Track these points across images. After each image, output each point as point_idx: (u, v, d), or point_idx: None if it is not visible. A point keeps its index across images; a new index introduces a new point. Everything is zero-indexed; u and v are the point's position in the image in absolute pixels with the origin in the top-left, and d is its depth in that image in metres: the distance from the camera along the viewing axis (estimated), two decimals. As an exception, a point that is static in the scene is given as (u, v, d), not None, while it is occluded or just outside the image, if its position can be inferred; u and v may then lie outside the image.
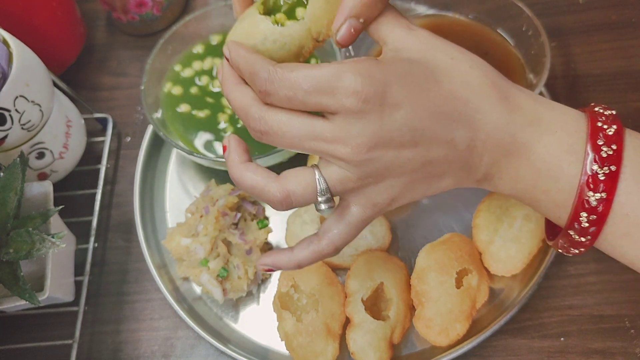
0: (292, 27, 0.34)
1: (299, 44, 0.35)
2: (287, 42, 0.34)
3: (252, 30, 0.35)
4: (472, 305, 0.48)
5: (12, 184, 0.45)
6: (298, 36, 0.34)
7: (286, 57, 0.35)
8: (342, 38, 0.34)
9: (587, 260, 0.53)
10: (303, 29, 0.34)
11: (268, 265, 0.37)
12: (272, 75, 0.31)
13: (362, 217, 0.35)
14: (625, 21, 0.65)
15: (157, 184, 0.61)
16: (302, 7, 0.35)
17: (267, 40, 0.34)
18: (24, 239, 0.44)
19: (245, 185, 0.34)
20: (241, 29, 0.36)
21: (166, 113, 0.58)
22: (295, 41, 0.34)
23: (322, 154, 0.32)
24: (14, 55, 0.46)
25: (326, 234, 0.36)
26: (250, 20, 0.35)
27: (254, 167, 0.34)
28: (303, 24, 0.34)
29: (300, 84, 0.31)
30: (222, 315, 0.53)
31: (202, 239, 0.51)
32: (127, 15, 0.68)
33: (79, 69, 0.69)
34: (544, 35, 0.52)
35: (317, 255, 0.36)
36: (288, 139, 0.32)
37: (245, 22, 0.36)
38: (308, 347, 0.47)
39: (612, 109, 0.34)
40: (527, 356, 0.49)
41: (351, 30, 0.34)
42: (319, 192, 0.33)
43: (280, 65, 0.32)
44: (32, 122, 0.49)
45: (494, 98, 0.33)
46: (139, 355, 0.52)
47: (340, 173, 0.32)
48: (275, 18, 0.35)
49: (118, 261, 0.57)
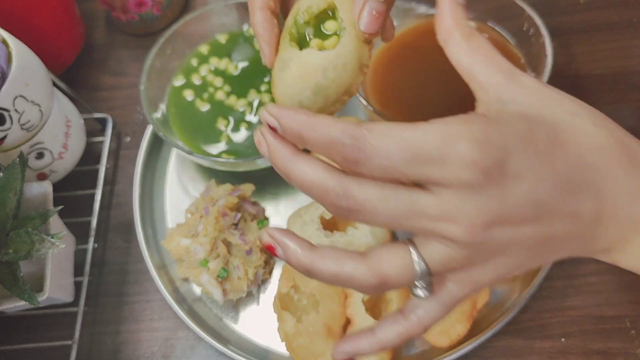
0: (343, 44, 0.31)
1: (357, 56, 0.31)
2: (347, 61, 0.31)
3: (304, 70, 0.31)
4: (472, 305, 0.48)
5: (12, 184, 0.45)
6: (353, 48, 0.31)
7: (352, 78, 0.31)
8: (366, 26, 0.30)
9: (588, 261, 0.52)
10: (352, 37, 0.31)
11: (349, 354, 0.32)
12: (360, 142, 0.25)
13: (459, 297, 0.30)
14: (626, 21, 0.65)
15: (156, 184, 0.60)
16: (331, 20, 0.33)
17: (327, 71, 0.30)
18: (24, 239, 0.44)
19: (326, 275, 0.29)
20: (290, 75, 0.31)
21: (171, 107, 0.58)
22: (354, 55, 0.31)
23: (424, 232, 0.27)
24: (13, 54, 0.46)
25: (413, 312, 0.31)
26: (297, 62, 0.31)
27: (331, 253, 0.29)
28: (348, 33, 0.31)
29: (401, 151, 0.25)
30: (222, 316, 0.53)
31: (202, 240, 0.51)
32: (127, 14, 0.68)
33: (79, 68, 0.69)
34: (545, 35, 0.52)
35: (403, 337, 0.31)
36: (382, 217, 0.27)
37: (291, 67, 0.31)
38: (308, 348, 0.47)
39: None
40: (528, 357, 0.49)
41: (373, 13, 0.30)
42: (417, 277, 0.28)
43: (367, 126, 0.26)
44: (32, 122, 0.49)
45: (624, 163, 0.28)
46: (139, 356, 0.52)
47: (443, 253, 0.27)
48: (318, 45, 0.32)
49: (118, 262, 0.57)
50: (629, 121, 0.59)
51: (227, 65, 0.61)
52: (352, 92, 0.32)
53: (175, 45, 0.60)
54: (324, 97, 0.31)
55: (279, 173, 0.29)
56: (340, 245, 0.51)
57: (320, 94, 0.31)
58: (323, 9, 0.33)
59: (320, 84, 0.31)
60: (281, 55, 0.32)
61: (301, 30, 0.33)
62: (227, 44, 0.62)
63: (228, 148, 0.56)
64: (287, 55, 0.32)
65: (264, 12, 0.34)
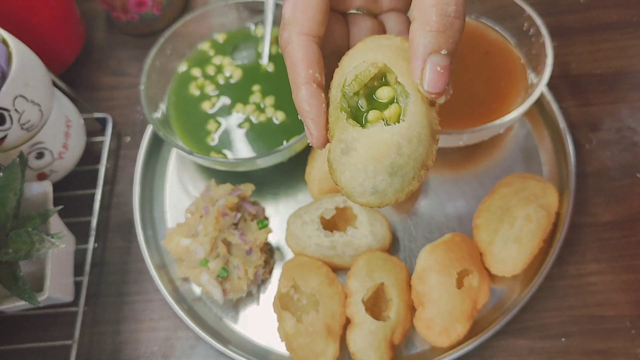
0: (412, 112, 0.28)
1: (428, 122, 0.28)
2: (420, 131, 0.27)
3: (375, 150, 0.27)
4: (472, 305, 0.48)
5: (12, 184, 0.45)
6: (422, 115, 0.28)
7: (427, 148, 0.28)
8: (432, 85, 0.27)
9: (588, 261, 0.52)
10: (418, 102, 0.28)
11: None
12: None
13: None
14: (627, 21, 0.65)
15: (156, 184, 0.60)
16: (384, 86, 0.29)
17: (402, 147, 0.27)
18: (24, 239, 0.44)
19: None
20: (358, 158, 0.27)
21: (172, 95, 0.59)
22: (425, 123, 0.28)
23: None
24: (13, 54, 0.46)
25: None
26: (364, 142, 0.27)
27: None
28: (414, 98, 0.28)
29: None
30: (222, 316, 0.53)
31: (202, 239, 0.51)
32: (127, 14, 0.68)
33: (79, 68, 0.69)
34: (545, 35, 0.52)
35: None
36: None
37: (358, 148, 0.28)
38: (308, 347, 0.47)
39: None
40: (528, 357, 0.49)
41: (437, 69, 0.27)
42: None
43: None
44: (32, 122, 0.49)
45: None
46: (139, 355, 0.52)
47: None
48: (378, 117, 0.29)
49: (118, 261, 0.57)
50: (629, 121, 0.59)
51: (229, 65, 0.61)
52: (428, 164, 0.29)
53: (175, 45, 0.60)
54: (400, 177, 0.28)
55: None
56: (340, 244, 0.51)
57: (397, 174, 0.28)
58: (373, 76, 0.29)
59: (396, 163, 0.27)
60: (340, 135, 0.29)
61: (351, 102, 0.29)
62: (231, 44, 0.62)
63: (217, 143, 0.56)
64: (348, 135, 0.28)
65: (309, 86, 0.30)
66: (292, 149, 0.53)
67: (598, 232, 0.54)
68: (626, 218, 0.54)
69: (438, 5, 0.27)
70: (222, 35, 0.63)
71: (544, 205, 0.51)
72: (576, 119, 0.59)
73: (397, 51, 0.29)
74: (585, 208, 0.55)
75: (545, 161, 0.57)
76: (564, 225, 0.51)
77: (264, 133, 0.57)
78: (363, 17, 0.35)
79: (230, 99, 0.59)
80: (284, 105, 0.58)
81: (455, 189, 0.57)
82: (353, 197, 0.29)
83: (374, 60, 0.29)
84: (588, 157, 0.57)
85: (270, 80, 0.60)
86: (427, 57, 0.27)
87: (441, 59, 0.27)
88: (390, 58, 0.29)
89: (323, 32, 0.31)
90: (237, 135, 0.57)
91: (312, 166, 0.56)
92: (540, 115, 0.59)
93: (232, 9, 0.62)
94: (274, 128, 0.57)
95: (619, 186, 0.56)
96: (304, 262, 0.51)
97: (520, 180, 0.53)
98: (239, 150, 0.56)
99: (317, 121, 0.30)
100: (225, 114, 0.58)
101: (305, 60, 0.30)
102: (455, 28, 0.27)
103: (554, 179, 0.56)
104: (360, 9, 0.35)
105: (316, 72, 0.30)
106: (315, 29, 0.30)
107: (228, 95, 0.59)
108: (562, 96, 0.61)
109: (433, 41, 0.27)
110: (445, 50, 0.27)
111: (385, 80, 0.29)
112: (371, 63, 0.29)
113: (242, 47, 0.62)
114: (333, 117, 0.29)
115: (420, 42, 0.27)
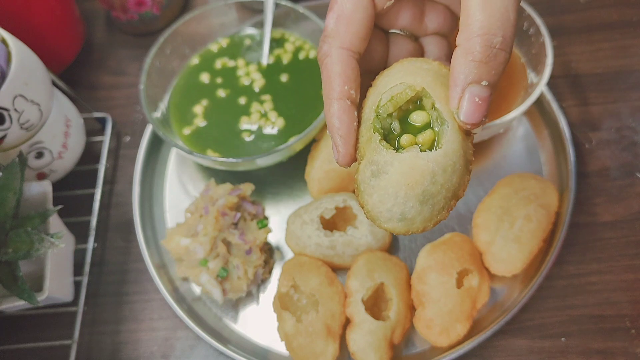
0: (449, 140, 0.27)
1: (463, 152, 0.27)
2: (456, 160, 0.26)
3: (410, 176, 0.26)
4: (472, 305, 0.48)
5: (11, 184, 0.45)
6: (458, 144, 0.27)
7: (460, 179, 0.27)
8: (468, 115, 0.26)
9: (588, 261, 0.52)
10: (454, 131, 0.27)
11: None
12: None
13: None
14: (627, 20, 0.65)
15: (156, 183, 0.60)
16: (419, 110, 0.28)
17: (436, 175, 0.26)
18: (23, 239, 0.44)
19: None
20: (389, 182, 0.27)
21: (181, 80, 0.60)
22: (460, 153, 0.27)
23: None
24: (12, 54, 0.46)
25: None
26: (397, 167, 0.26)
27: None
28: (452, 129, 0.27)
29: None
30: (222, 316, 0.53)
31: (201, 239, 0.51)
32: (127, 14, 0.68)
33: (78, 68, 0.69)
34: (545, 35, 0.52)
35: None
36: None
37: (390, 172, 0.26)
38: (308, 347, 0.47)
39: None
40: (528, 356, 0.49)
41: (476, 100, 0.26)
42: None
43: None
44: (31, 122, 0.48)
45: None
46: (139, 355, 0.52)
47: None
48: (411, 141, 0.27)
49: (117, 261, 0.57)
50: (629, 120, 0.59)
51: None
52: (459, 195, 0.28)
53: (175, 45, 0.60)
54: (431, 206, 0.27)
55: None
56: (340, 244, 0.51)
57: (428, 202, 0.27)
58: (409, 99, 0.28)
59: (429, 191, 0.26)
60: (371, 156, 0.28)
61: (384, 123, 0.28)
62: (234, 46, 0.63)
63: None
64: (380, 158, 0.27)
65: (342, 102, 0.29)
66: (291, 148, 0.53)
67: (598, 231, 0.54)
68: (626, 218, 0.54)
69: (484, 36, 0.26)
70: (225, 38, 0.63)
71: (544, 205, 0.51)
72: (576, 118, 0.59)
73: (435, 76, 0.29)
74: (585, 208, 0.55)
75: (545, 161, 0.57)
76: (564, 225, 0.51)
77: (264, 132, 0.57)
78: (404, 38, 0.34)
79: (230, 100, 0.59)
80: (285, 109, 0.58)
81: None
82: (379, 221, 0.28)
83: (412, 83, 0.28)
84: (588, 157, 0.57)
85: (271, 81, 0.60)
86: (467, 86, 0.26)
87: (481, 90, 0.26)
88: (428, 83, 0.28)
89: (364, 48, 0.30)
90: (237, 135, 0.57)
91: (311, 166, 0.56)
92: (540, 115, 0.59)
93: (232, 8, 0.62)
94: (274, 129, 0.57)
95: (618, 186, 0.56)
96: (304, 261, 0.51)
97: (520, 180, 0.53)
98: (239, 150, 0.56)
99: (346, 139, 0.29)
100: (226, 114, 0.58)
101: (342, 75, 0.29)
102: (499, 60, 0.26)
103: (554, 179, 0.56)
104: (403, 29, 0.34)
105: (352, 89, 0.29)
106: (356, 45, 0.30)
107: (228, 95, 0.59)
108: (562, 96, 0.61)
109: (474, 71, 0.26)
110: (486, 81, 0.26)
111: (421, 104, 0.29)
112: (409, 86, 0.28)
113: (245, 49, 0.62)
114: (364, 137, 0.29)
115: (461, 70, 0.26)
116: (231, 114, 0.58)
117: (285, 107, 0.58)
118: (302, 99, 0.58)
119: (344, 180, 0.55)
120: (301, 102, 0.58)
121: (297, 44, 0.62)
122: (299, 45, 0.62)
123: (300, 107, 0.57)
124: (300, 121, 0.56)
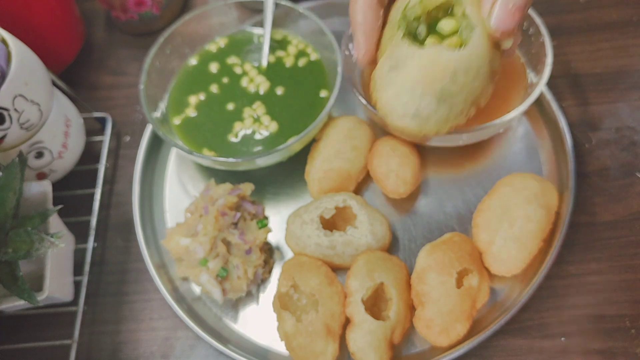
0: (475, 43, 0.25)
1: (489, 60, 0.26)
2: (480, 63, 0.25)
3: (430, 71, 0.24)
4: (472, 305, 0.48)
5: (11, 184, 0.45)
6: (486, 50, 0.25)
7: (483, 86, 0.26)
8: (500, 22, 0.24)
9: (588, 260, 0.52)
10: (483, 37, 0.25)
11: None
12: None
13: None
14: (626, 20, 0.65)
15: (156, 183, 0.60)
16: (449, 18, 0.27)
17: (458, 74, 0.25)
18: (23, 238, 0.44)
19: None
20: (406, 76, 0.25)
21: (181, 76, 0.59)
22: (486, 59, 0.25)
23: None
24: (12, 54, 0.46)
25: None
26: (418, 61, 0.25)
27: None
28: (479, 33, 0.25)
29: None
30: (222, 316, 0.53)
31: (201, 239, 0.51)
32: (126, 14, 0.68)
33: (78, 68, 0.69)
34: (545, 35, 0.52)
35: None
36: None
37: (409, 65, 0.25)
38: (308, 347, 0.47)
39: None
40: (528, 356, 0.49)
41: (509, 7, 0.24)
42: None
43: None
44: (31, 122, 0.48)
45: None
46: (138, 355, 0.52)
47: None
48: (447, 41, 0.26)
49: (117, 261, 0.57)
50: (628, 120, 0.59)
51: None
52: (480, 103, 0.27)
53: (175, 45, 0.60)
54: (448, 107, 0.26)
55: None
56: (340, 244, 0.51)
57: (446, 102, 0.25)
58: (440, 3, 0.27)
59: (448, 90, 0.25)
60: (392, 51, 0.26)
61: (410, 27, 0.27)
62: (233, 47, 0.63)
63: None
64: (401, 51, 0.26)
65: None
66: (291, 148, 0.53)
67: (598, 231, 0.54)
68: (626, 218, 0.54)
69: None
70: (224, 38, 0.63)
71: (544, 205, 0.51)
72: (576, 118, 0.59)
73: None
74: (585, 208, 0.55)
75: (545, 161, 0.57)
76: (564, 224, 0.51)
77: (264, 133, 0.57)
78: None
79: (230, 99, 0.59)
80: (280, 113, 0.58)
81: (455, 189, 0.57)
82: (391, 117, 0.26)
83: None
84: (588, 157, 0.57)
85: (270, 82, 0.60)
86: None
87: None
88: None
89: None
90: (237, 135, 0.57)
91: (311, 165, 0.56)
92: (540, 115, 0.59)
93: (232, 8, 0.62)
94: (275, 130, 0.57)
95: (618, 186, 0.56)
96: (304, 261, 0.51)
97: (520, 180, 0.53)
98: (239, 150, 0.56)
99: (369, 35, 0.27)
100: (226, 114, 0.58)
101: None
102: None
103: (554, 179, 0.56)
104: None
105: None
106: None
107: (228, 95, 0.59)
108: (562, 95, 0.61)
109: None
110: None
111: (451, 12, 0.27)
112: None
113: (245, 50, 0.62)
114: (387, 36, 0.27)
115: None
116: (225, 113, 0.58)
117: (280, 111, 0.57)
118: (299, 103, 0.58)
119: (344, 180, 0.55)
120: (298, 105, 0.57)
121: (299, 47, 0.61)
122: (301, 49, 0.61)
123: (296, 111, 0.57)
124: (295, 125, 0.56)
